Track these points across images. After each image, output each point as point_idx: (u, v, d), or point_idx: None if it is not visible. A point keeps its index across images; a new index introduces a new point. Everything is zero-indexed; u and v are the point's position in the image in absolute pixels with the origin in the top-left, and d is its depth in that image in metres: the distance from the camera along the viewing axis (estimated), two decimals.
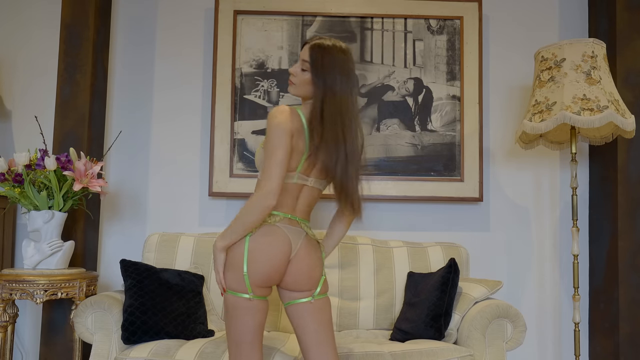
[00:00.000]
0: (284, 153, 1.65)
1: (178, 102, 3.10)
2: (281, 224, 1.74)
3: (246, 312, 1.70)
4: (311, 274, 1.77)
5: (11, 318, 2.47)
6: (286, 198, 1.76)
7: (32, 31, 3.11)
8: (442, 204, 3.10)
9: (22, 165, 2.42)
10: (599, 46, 2.58)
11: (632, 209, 2.88)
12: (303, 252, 1.76)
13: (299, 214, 1.79)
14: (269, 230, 1.72)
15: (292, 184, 1.76)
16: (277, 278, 1.74)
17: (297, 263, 1.75)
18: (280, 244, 1.71)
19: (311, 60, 1.75)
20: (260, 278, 1.70)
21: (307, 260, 1.76)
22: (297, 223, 1.78)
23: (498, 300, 2.30)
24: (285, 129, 1.67)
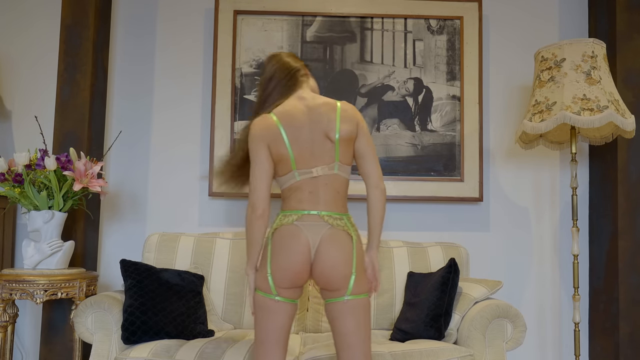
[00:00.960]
0: (261, 164, 1.75)
1: (178, 102, 3.10)
2: (299, 222, 1.71)
3: (271, 313, 1.71)
4: (336, 271, 1.69)
5: (11, 318, 2.47)
6: (298, 194, 1.74)
7: (32, 31, 3.11)
8: (442, 204, 3.10)
9: (22, 165, 2.42)
10: (599, 46, 2.58)
11: (632, 209, 2.88)
12: (324, 247, 1.69)
13: (323, 207, 1.73)
14: (285, 230, 1.71)
15: (300, 182, 1.75)
16: (301, 278, 1.70)
17: (319, 260, 1.69)
18: (297, 243, 1.69)
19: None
20: (282, 279, 1.69)
21: (329, 256, 1.69)
22: (318, 218, 1.72)
23: (498, 300, 2.30)
24: (258, 139, 1.77)
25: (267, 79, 1.87)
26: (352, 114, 1.79)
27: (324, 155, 1.75)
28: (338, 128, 1.74)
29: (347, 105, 1.82)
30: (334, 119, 1.76)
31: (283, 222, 1.73)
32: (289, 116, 1.77)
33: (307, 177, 1.75)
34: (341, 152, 1.76)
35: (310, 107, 1.79)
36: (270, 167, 1.76)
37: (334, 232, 1.71)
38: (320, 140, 1.75)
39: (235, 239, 2.74)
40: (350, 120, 1.77)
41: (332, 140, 1.74)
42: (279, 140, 1.75)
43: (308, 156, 1.75)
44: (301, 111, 1.78)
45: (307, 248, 1.69)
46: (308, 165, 1.75)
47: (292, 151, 1.75)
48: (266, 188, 1.74)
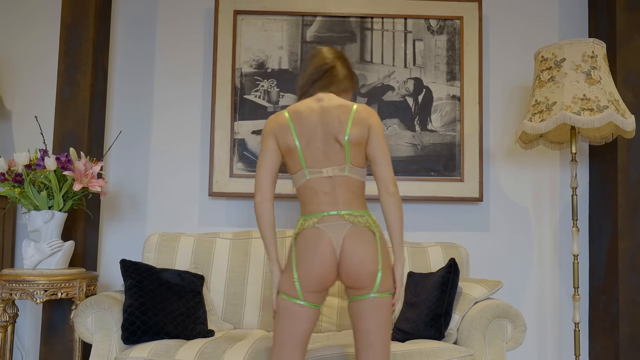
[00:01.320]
0: (266, 153, 1.79)
1: (178, 102, 3.10)
2: (320, 224, 1.71)
3: (295, 317, 1.71)
4: (363, 268, 1.68)
5: (11, 318, 2.47)
6: (316, 197, 1.75)
7: (32, 31, 3.12)
8: (442, 204, 3.10)
9: (22, 165, 2.42)
10: (599, 46, 2.58)
11: (632, 209, 2.88)
12: (348, 246, 1.69)
13: (342, 207, 1.73)
14: (307, 234, 1.72)
15: (311, 181, 1.75)
16: (328, 280, 1.70)
17: (345, 259, 1.69)
18: (321, 245, 1.69)
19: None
20: (310, 283, 1.69)
21: (355, 254, 1.68)
22: (339, 217, 1.72)
23: (498, 300, 2.30)
24: (267, 132, 1.81)
25: (300, 75, 1.91)
26: (366, 116, 1.77)
27: (335, 157, 1.75)
28: (348, 131, 1.74)
29: (364, 108, 1.80)
30: (346, 121, 1.75)
31: (304, 226, 1.74)
32: (301, 115, 1.78)
33: (317, 176, 1.75)
34: (351, 155, 1.75)
35: (324, 109, 1.78)
36: (275, 158, 1.79)
37: (356, 230, 1.71)
38: (331, 142, 1.75)
39: (235, 239, 2.74)
40: (361, 124, 1.75)
41: (341, 143, 1.74)
42: (287, 134, 1.77)
43: (319, 156, 1.76)
44: (314, 112, 1.78)
45: (332, 248, 1.69)
46: (319, 165, 1.75)
47: (300, 145, 1.75)
48: (268, 176, 1.77)
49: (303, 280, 1.70)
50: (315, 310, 1.73)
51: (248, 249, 2.70)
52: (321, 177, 1.75)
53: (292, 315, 1.71)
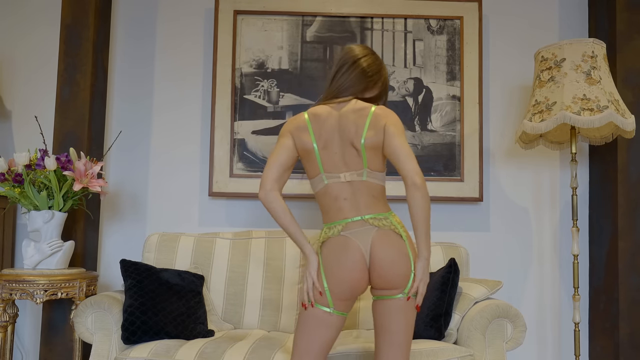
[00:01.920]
0: (280, 148, 1.77)
1: (178, 102, 3.10)
2: (345, 232, 1.70)
3: (322, 326, 1.69)
4: (395, 268, 1.66)
5: (11, 318, 2.47)
6: (336, 203, 1.73)
7: (32, 31, 3.12)
8: (442, 204, 3.10)
9: (22, 165, 2.42)
10: (599, 46, 2.58)
11: (632, 209, 2.88)
12: (378, 250, 1.67)
13: (365, 211, 1.71)
14: (334, 242, 1.71)
15: (330, 186, 1.74)
16: (360, 287, 1.69)
17: (376, 263, 1.67)
18: (349, 253, 1.68)
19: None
20: (342, 291, 1.68)
21: (386, 256, 1.67)
22: (363, 222, 1.70)
23: (498, 300, 2.30)
24: (285, 131, 1.80)
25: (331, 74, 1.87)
26: (382, 118, 1.73)
27: (352, 162, 1.73)
28: (364, 135, 1.72)
29: (381, 109, 1.77)
30: (362, 125, 1.73)
31: (329, 234, 1.72)
32: (319, 118, 1.77)
33: (335, 181, 1.73)
34: (369, 159, 1.73)
35: (342, 113, 1.77)
36: (287, 155, 1.76)
37: (383, 233, 1.69)
38: (348, 147, 1.74)
39: (235, 239, 2.74)
40: (377, 126, 1.72)
41: (357, 148, 1.72)
42: (305, 135, 1.75)
43: (337, 161, 1.74)
44: (332, 116, 1.77)
45: (361, 255, 1.68)
46: (337, 170, 1.74)
47: (320, 152, 1.74)
48: (274, 170, 1.73)
49: (334, 288, 1.68)
50: (342, 318, 1.72)
51: (248, 249, 2.70)
52: (339, 182, 1.73)
53: (319, 323, 1.69)
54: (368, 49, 1.86)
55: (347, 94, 1.81)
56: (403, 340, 1.70)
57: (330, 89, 1.83)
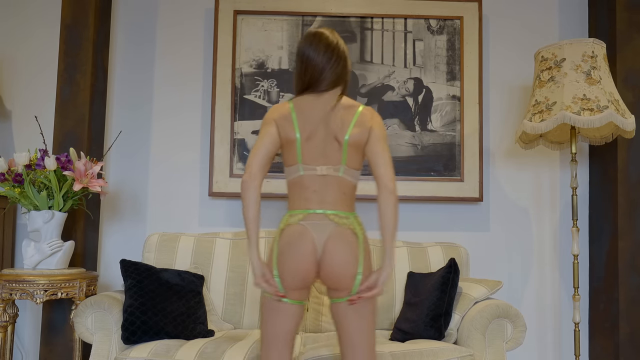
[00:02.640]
0: (264, 137, 1.75)
1: (178, 101, 3.10)
2: (305, 221, 1.71)
3: (279, 315, 1.71)
4: (344, 270, 1.67)
5: (11, 318, 2.47)
6: (304, 193, 1.74)
7: (32, 31, 3.12)
8: (442, 204, 3.10)
9: (22, 165, 2.42)
10: (599, 46, 2.58)
11: (632, 209, 2.88)
12: (331, 246, 1.68)
13: (329, 207, 1.72)
14: (291, 230, 1.71)
15: (304, 177, 1.74)
16: (308, 278, 1.69)
17: (326, 259, 1.68)
18: (303, 243, 1.68)
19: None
20: (291, 280, 1.68)
21: (336, 255, 1.67)
22: (324, 217, 1.71)
23: (498, 300, 2.30)
24: (268, 120, 1.78)
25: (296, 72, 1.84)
26: (368, 119, 1.76)
27: (332, 157, 1.74)
28: (349, 132, 1.73)
29: (368, 110, 1.79)
30: (349, 122, 1.74)
31: (289, 221, 1.73)
32: (304, 110, 1.77)
33: (311, 173, 1.74)
34: (349, 156, 1.74)
35: (327, 107, 1.77)
36: (272, 143, 1.75)
37: (340, 231, 1.70)
38: (330, 141, 1.74)
39: (235, 239, 2.74)
40: (363, 125, 1.74)
41: (340, 143, 1.73)
42: (289, 124, 1.75)
43: (316, 154, 1.74)
44: (318, 108, 1.77)
45: (314, 247, 1.68)
46: (314, 162, 1.74)
47: (302, 142, 1.74)
48: (260, 157, 1.73)
49: (284, 276, 1.69)
50: (300, 307, 1.73)
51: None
52: (314, 174, 1.74)
53: (276, 313, 1.71)
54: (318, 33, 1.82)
55: (324, 85, 1.79)
56: (362, 340, 1.70)
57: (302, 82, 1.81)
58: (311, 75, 1.78)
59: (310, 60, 1.78)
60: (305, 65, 1.79)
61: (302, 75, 1.80)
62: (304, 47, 1.80)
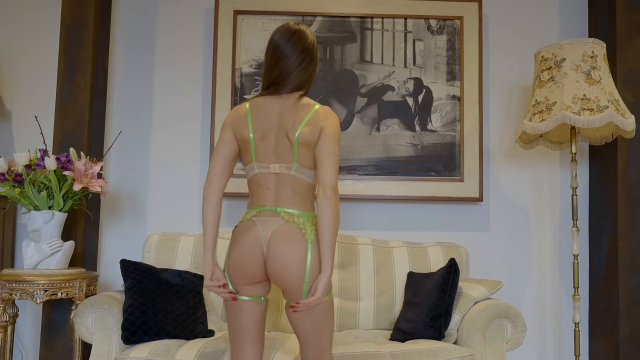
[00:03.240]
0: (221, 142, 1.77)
1: (178, 102, 3.10)
2: (256, 218, 1.71)
3: (238, 312, 1.72)
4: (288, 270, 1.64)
5: (11, 318, 2.47)
6: (259, 190, 1.74)
7: (32, 31, 3.11)
8: (442, 204, 3.10)
9: (22, 165, 2.42)
10: (599, 46, 2.58)
11: (632, 209, 2.88)
12: (274, 243, 1.66)
13: (282, 204, 1.71)
14: (242, 226, 1.73)
15: (259, 175, 1.74)
16: (254, 274, 1.68)
17: (270, 256, 1.66)
18: (247, 237, 1.68)
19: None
20: (237, 276, 1.69)
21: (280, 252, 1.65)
22: (275, 213, 1.70)
23: (498, 300, 2.30)
24: (226, 123, 1.80)
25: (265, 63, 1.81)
26: (321, 118, 1.72)
27: (284, 155, 1.73)
28: (300, 130, 1.71)
29: (324, 110, 1.75)
30: (301, 120, 1.72)
31: (244, 219, 1.74)
32: (260, 109, 1.76)
33: (264, 171, 1.74)
34: (300, 155, 1.72)
35: (284, 106, 1.75)
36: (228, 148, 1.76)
37: (286, 228, 1.68)
38: (282, 139, 1.73)
39: None
40: (315, 124, 1.71)
41: (290, 141, 1.72)
42: (243, 125, 1.76)
43: (270, 152, 1.74)
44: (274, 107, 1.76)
45: (258, 242, 1.67)
46: (268, 160, 1.74)
47: (255, 141, 1.74)
48: (218, 164, 1.74)
49: (231, 272, 1.70)
50: (258, 303, 1.73)
51: None
52: (268, 172, 1.74)
53: (235, 310, 1.72)
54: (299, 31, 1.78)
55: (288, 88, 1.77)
56: (315, 339, 1.71)
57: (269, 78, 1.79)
58: (279, 73, 1.76)
59: (283, 57, 1.75)
60: (277, 61, 1.76)
61: (271, 69, 1.77)
62: (280, 41, 1.76)
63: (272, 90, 1.78)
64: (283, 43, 1.76)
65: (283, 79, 1.76)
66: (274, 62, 1.77)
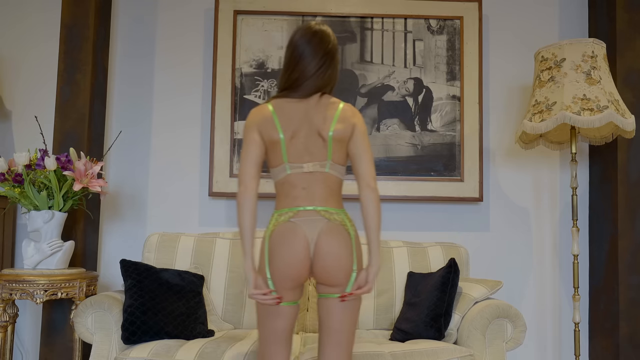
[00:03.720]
0: (249, 145, 1.74)
1: (178, 102, 3.10)
2: (295, 219, 1.70)
3: (274, 316, 1.70)
4: (338, 264, 1.67)
5: (11, 318, 2.47)
6: (293, 191, 1.73)
7: (32, 31, 3.11)
8: (442, 204, 3.10)
9: (22, 165, 2.42)
10: (599, 46, 2.58)
11: (632, 209, 2.88)
12: (324, 241, 1.67)
13: (319, 203, 1.71)
14: (282, 228, 1.70)
15: (292, 176, 1.73)
16: (301, 276, 1.68)
17: (319, 255, 1.67)
18: (295, 240, 1.67)
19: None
20: (283, 280, 1.68)
21: (331, 250, 1.67)
22: (315, 213, 1.70)
23: (498, 300, 2.30)
24: (250, 125, 1.76)
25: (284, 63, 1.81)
26: (350, 115, 1.77)
27: (317, 153, 1.73)
28: (333, 127, 1.73)
29: (349, 107, 1.80)
30: (331, 118, 1.74)
31: (279, 220, 1.71)
32: (284, 109, 1.76)
33: (297, 171, 1.73)
34: (334, 151, 1.74)
35: (310, 105, 1.76)
36: (259, 151, 1.75)
37: (332, 226, 1.69)
38: (314, 137, 1.74)
39: (236, 239, 2.73)
40: (346, 121, 1.74)
41: (324, 139, 1.73)
42: (271, 127, 1.74)
43: (301, 151, 1.74)
44: (299, 107, 1.76)
45: (306, 243, 1.67)
46: (300, 160, 1.73)
47: (285, 138, 1.73)
48: (251, 168, 1.72)
49: (276, 277, 1.68)
50: (294, 307, 1.73)
51: None
52: (301, 172, 1.73)
53: (271, 314, 1.71)
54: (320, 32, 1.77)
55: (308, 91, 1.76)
56: (346, 339, 1.71)
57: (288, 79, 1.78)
58: (298, 76, 1.75)
59: (303, 59, 1.75)
60: (296, 63, 1.75)
61: (290, 70, 1.77)
62: (300, 42, 1.75)
63: (291, 92, 1.77)
64: (303, 45, 1.75)
65: (301, 82, 1.75)
66: (293, 64, 1.76)
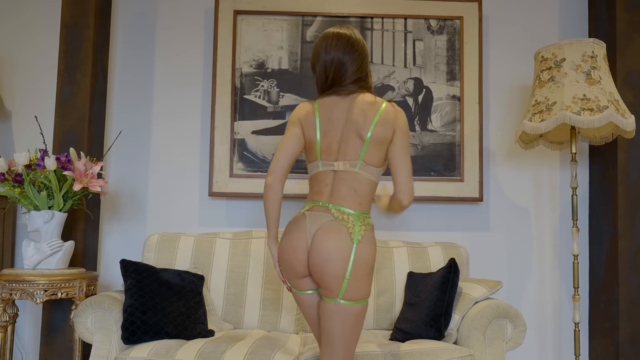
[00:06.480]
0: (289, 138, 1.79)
1: (178, 102, 3.10)
2: (308, 212, 1.73)
3: (299, 303, 1.79)
4: (328, 265, 1.63)
5: (11, 318, 2.47)
6: (318, 186, 1.76)
7: (32, 31, 3.11)
8: (442, 204, 3.10)
9: (22, 165, 2.42)
10: (599, 46, 2.58)
11: (632, 209, 2.88)
12: (319, 237, 1.66)
13: (336, 201, 1.71)
14: (293, 220, 1.76)
15: (322, 172, 1.76)
16: (299, 267, 1.70)
17: (313, 250, 1.66)
18: (296, 232, 1.71)
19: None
20: (286, 269, 1.74)
21: (322, 247, 1.64)
22: (326, 209, 1.70)
23: (498, 300, 2.30)
24: (294, 120, 1.81)
25: (313, 64, 1.84)
26: (393, 117, 1.74)
27: (350, 153, 1.73)
28: (372, 128, 1.72)
29: (394, 108, 1.78)
30: (372, 118, 1.73)
31: (298, 213, 1.77)
32: (327, 107, 1.78)
33: (328, 169, 1.75)
34: (368, 152, 1.73)
35: (351, 104, 1.76)
36: (296, 144, 1.79)
37: (333, 224, 1.67)
38: (352, 137, 1.73)
39: (235, 239, 2.74)
40: (387, 124, 1.73)
41: (362, 139, 1.72)
42: (312, 124, 1.78)
43: (335, 150, 1.75)
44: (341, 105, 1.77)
45: (304, 235, 1.69)
46: (332, 158, 1.75)
47: (320, 140, 1.77)
48: (285, 159, 1.77)
49: (282, 267, 1.77)
50: (311, 296, 1.76)
51: (248, 249, 2.70)
52: (331, 170, 1.75)
53: (297, 302, 1.80)
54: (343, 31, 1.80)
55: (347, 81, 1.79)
56: (339, 343, 1.67)
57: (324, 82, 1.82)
58: (334, 74, 1.78)
59: (326, 61, 1.78)
60: (323, 67, 1.79)
61: (321, 76, 1.82)
62: (320, 50, 1.79)
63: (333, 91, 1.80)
64: (322, 52, 1.78)
65: (337, 80, 1.79)
66: (322, 70, 1.80)
